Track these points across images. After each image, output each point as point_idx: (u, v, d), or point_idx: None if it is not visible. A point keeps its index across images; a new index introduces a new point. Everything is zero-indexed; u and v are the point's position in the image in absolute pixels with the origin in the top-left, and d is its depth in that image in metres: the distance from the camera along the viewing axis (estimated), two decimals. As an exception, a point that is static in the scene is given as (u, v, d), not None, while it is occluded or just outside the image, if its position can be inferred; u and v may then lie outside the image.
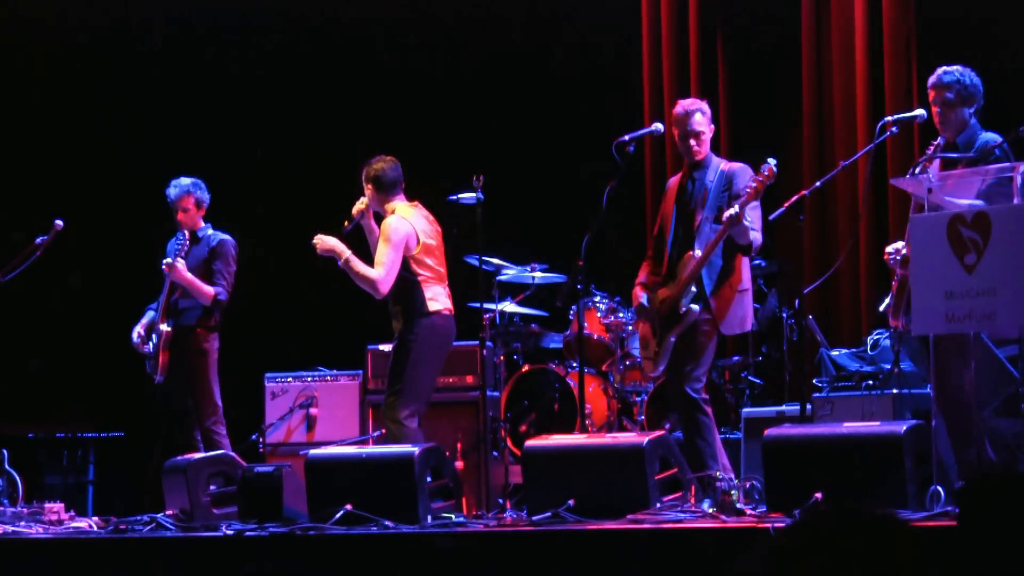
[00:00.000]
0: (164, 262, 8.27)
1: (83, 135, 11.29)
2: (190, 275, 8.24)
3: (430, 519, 6.53)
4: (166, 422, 8.36)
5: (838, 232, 9.39)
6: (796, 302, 8.18)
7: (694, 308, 7.05)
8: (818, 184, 7.31)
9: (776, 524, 5.66)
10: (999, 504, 4.52)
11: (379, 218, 7.75)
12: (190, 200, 8.43)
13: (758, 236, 7.01)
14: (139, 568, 6.62)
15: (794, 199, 6.92)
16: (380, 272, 7.52)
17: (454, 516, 6.72)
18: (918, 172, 6.20)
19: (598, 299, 9.44)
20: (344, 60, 11.12)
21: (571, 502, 6.29)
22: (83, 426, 10.49)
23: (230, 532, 6.60)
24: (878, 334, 8.09)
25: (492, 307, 9.29)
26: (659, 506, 6.26)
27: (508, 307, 9.62)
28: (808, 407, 7.32)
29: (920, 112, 6.67)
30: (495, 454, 8.91)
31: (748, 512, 6.11)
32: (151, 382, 8.33)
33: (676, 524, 5.98)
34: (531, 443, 6.83)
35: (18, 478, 8.30)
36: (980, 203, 5.80)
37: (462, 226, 8.50)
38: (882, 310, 6.83)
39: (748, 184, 6.91)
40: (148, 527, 6.96)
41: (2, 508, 7.91)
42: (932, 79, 6.44)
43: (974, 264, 5.53)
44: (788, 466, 6.03)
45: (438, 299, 7.60)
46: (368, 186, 7.71)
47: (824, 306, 9.25)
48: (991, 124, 6.42)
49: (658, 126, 7.62)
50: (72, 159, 11.25)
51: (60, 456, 10.31)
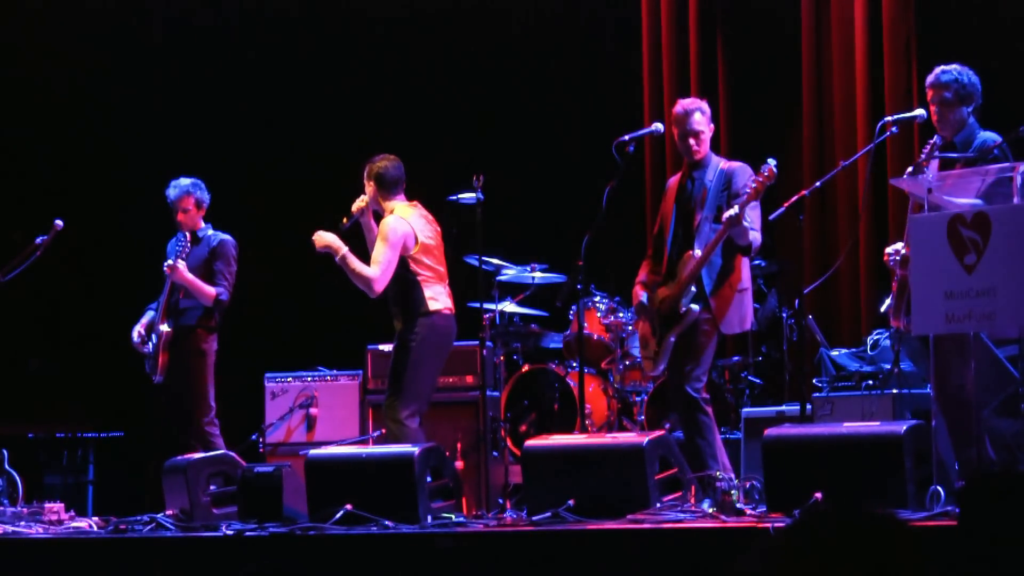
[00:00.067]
0: (165, 264, 8.26)
1: (83, 135, 11.28)
2: (191, 276, 8.23)
3: (430, 519, 6.53)
4: (165, 422, 8.35)
5: (838, 232, 9.38)
6: (796, 302, 8.17)
7: (694, 308, 7.05)
8: (818, 184, 7.31)
9: (776, 524, 5.66)
10: (999, 504, 4.52)
11: (378, 217, 7.75)
12: (190, 200, 8.42)
13: (758, 236, 7.01)
14: (139, 568, 6.62)
15: (794, 199, 6.92)
16: (376, 271, 7.52)
17: (454, 516, 6.72)
18: (915, 172, 6.19)
19: (598, 299, 9.43)
20: (344, 60, 11.12)
21: (571, 502, 6.29)
22: (83, 426, 10.49)
23: (230, 532, 6.60)
24: (878, 334, 8.08)
25: (492, 307, 9.28)
26: (659, 506, 6.26)
27: (508, 307, 9.61)
28: (808, 407, 7.32)
29: (920, 112, 6.67)
30: (495, 454, 8.91)
31: (748, 512, 6.11)
32: (150, 382, 8.33)
33: (676, 524, 5.98)
34: (531, 443, 6.83)
35: (18, 478, 8.29)
36: (980, 203, 5.79)
37: (462, 226, 8.50)
38: (883, 311, 6.83)
39: (748, 184, 6.90)
40: (148, 527, 6.97)
41: (2, 508, 7.91)
42: (930, 78, 6.44)
43: (974, 264, 5.53)
44: (788, 466, 6.03)
45: (438, 298, 7.59)
46: (370, 183, 7.70)
47: (824, 306, 9.24)
48: (991, 124, 6.41)
49: (658, 126, 7.61)
50: (72, 159, 11.24)
51: (60, 456, 10.31)
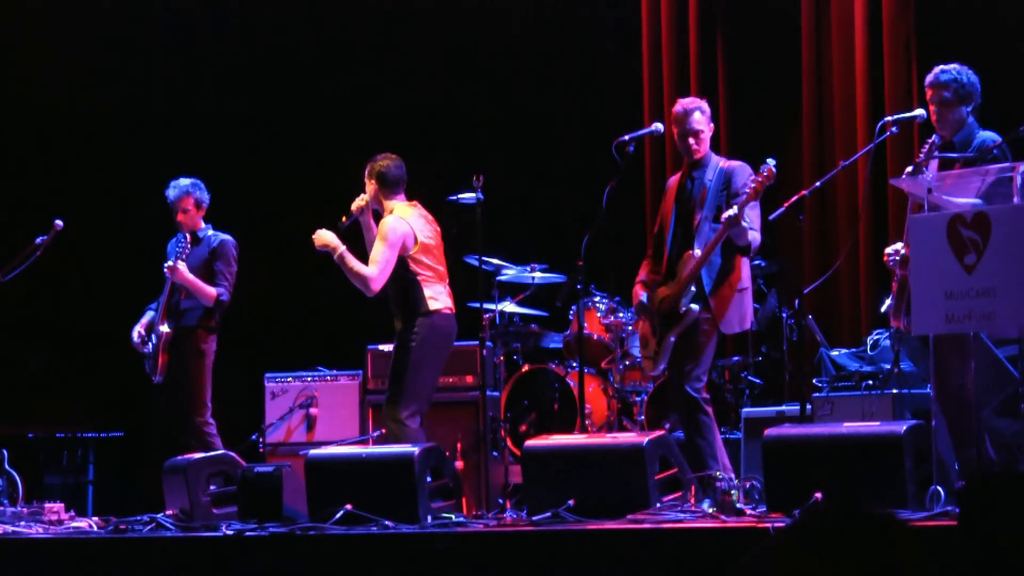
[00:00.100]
0: (166, 264, 8.26)
1: (83, 135, 11.28)
2: (192, 277, 8.23)
3: (430, 519, 6.53)
4: (165, 422, 8.35)
5: (838, 232, 9.38)
6: (796, 302, 8.16)
7: (693, 308, 7.04)
8: (818, 184, 7.31)
9: (776, 524, 5.66)
10: (999, 504, 4.51)
11: (377, 216, 7.74)
12: (189, 201, 8.41)
13: (757, 236, 7.01)
14: (139, 568, 6.62)
15: (794, 199, 6.92)
16: (373, 270, 7.52)
17: (454, 516, 6.72)
18: (915, 172, 6.19)
19: (598, 299, 9.43)
20: (344, 60, 11.12)
21: (571, 502, 6.29)
22: (83, 426, 10.49)
23: (230, 532, 6.60)
24: (878, 334, 8.08)
25: (492, 307, 9.28)
26: (659, 506, 6.25)
27: (508, 307, 9.61)
28: (808, 407, 7.32)
29: (920, 112, 6.67)
30: (495, 454, 8.91)
31: (748, 512, 6.11)
32: (150, 382, 8.32)
33: (676, 524, 5.97)
34: (531, 443, 6.83)
35: (18, 478, 8.29)
36: (980, 203, 5.79)
37: (462, 226, 8.50)
38: (884, 311, 6.83)
39: (747, 184, 6.90)
40: (148, 527, 6.96)
41: (2, 508, 7.90)
42: (929, 77, 6.44)
43: (974, 264, 5.53)
44: (788, 466, 6.03)
45: (439, 298, 7.59)
46: (371, 182, 7.69)
47: (824, 306, 9.24)
48: (992, 124, 6.41)
49: (658, 126, 7.61)
50: (72, 159, 11.24)
51: (60, 456, 10.31)
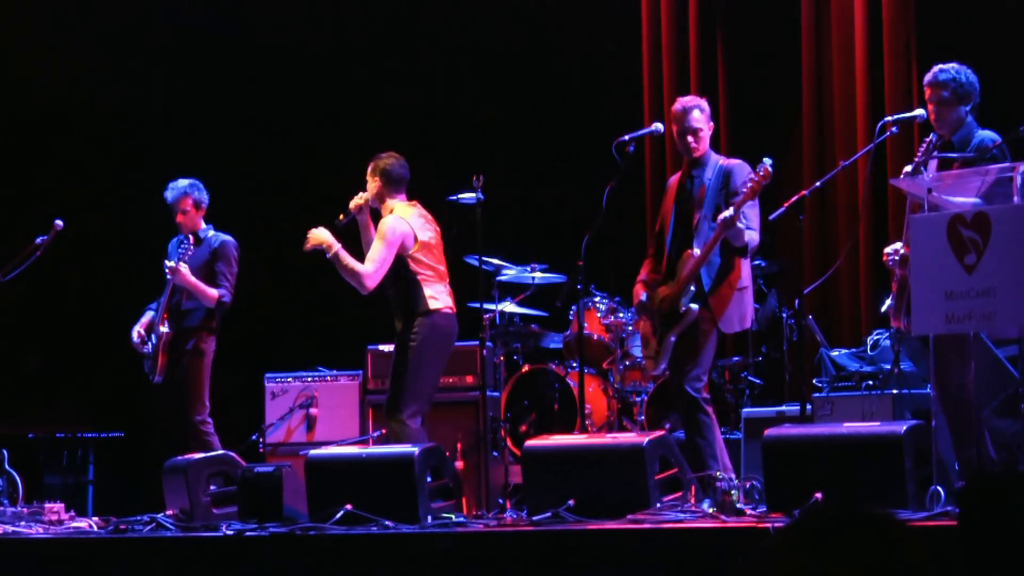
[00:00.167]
0: (167, 265, 8.24)
1: (83, 135, 11.28)
2: (193, 278, 8.22)
3: (430, 519, 6.53)
4: (165, 422, 8.35)
5: (838, 232, 9.38)
6: (796, 302, 8.16)
7: (693, 307, 7.04)
8: (818, 184, 7.31)
9: (776, 524, 5.66)
10: (999, 504, 4.51)
11: (375, 215, 7.74)
12: (188, 201, 8.40)
13: (755, 236, 7.00)
14: (139, 568, 6.62)
15: (794, 199, 6.92)
16: (369, 268, 7.51)
17: (454, 516, 6.72)
18: (914, 171, 6.19)
19: (598, 299, 9.43)
20: (345, 60, 11.12)
21: (571, 502, 6.29)
22: (83, 426, 10.49)
23: (230, 532, 6.60)
24: (878, 334, 8.08)
25: (492, 307, 9.28)
26: (659, 506, 6.25)
27: (508, 307, 9.61)
28: (808, 407, 7.31)
29: (920, 112, 6.67)
30: (495, 454, 8.91)
31: (748, 512, 6.11)
32: (149, 382, 8.32)
33: (676, 524, 5.97)
34: (531, 443, 6.83)
35: (18, 478, 8.29)
36: (980, 203, 5.79)
37: (462, 226, 8.50)
38: (883, 311, 6.83)
39: (745, 184, 6.90)
40: (148, 527, 6.96)
41: (2, 508, 7.91)
42: (928, 77, 6.44)
43: (974, 264, 5.53)
44: (788, 466, 6.03)
45: (439, 297, 7.59)
46: (375, 179, 7.68)
47: (824, 306, 9.24)
48: (992, 124, 6.41)
49: (658, 126, 7.61)
50: (72, 159, 11.24)
51: (60, 456, 10.31)
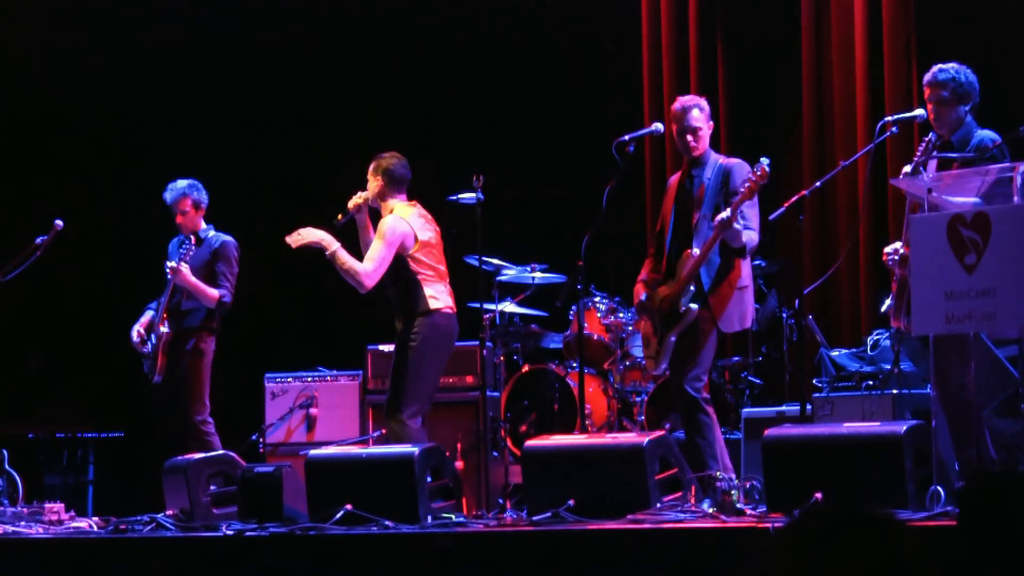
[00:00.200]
0: (168, 266, 8.24)
1: (84, 135, 11.28)
2: (194, 279, 8.21)
3: (430, 519, 6.53)
4: (164, 422, 8.35)
5: (838, 232, 9.38)
6: (796, 302, 8.17)
7: (692, 307, 7.04)
8: (818, 184, 7.31)
9: (776, 524, 5.66)
10: (999, 504, 4.51)
11: (374, 214, 7.73)
12: (187, 202, 8.40)
13: (754, 236, 6.99)
14: (139, 568, 6.62)
15: (794, 199, 6.92)
16: (368, 266, 7.51)
17: (454, 516, 6.72)
18: (911, 171, 6.19)
19: (598, 299, 9.43)
20: (345, 60, 11.12)
21: (571, 502, 6.29)
22: (83, 426, 10.49)
23: (230, 532, 6.60)
24: (878, 334, 8.08)
25: (492, 307, 9.28)
26: (659, 506, 6.25)
27: (508, 307, 9.61)
28: (808, 407, 7.31)
29: (920, 112, 6.67)
30: (495, 454, 8.91)
31: (748, 512, 6.11)
32: (149, 382, 8.32)
33: (676, 524, 5.97)
34: (531, 443, 6.83)
35: (18, 478, 8.29)
36: (980, 203, 5.79)
37: (462, 226, 8.50)
38: (884, 311, 6.83)
39: (743, 184, 6.90)
40: (148, 527, 6.96)
41: (2, 508, 7.91)
42: (927, 76, 6.44)
43: (974, 264, 5.53)
44: (788, 466, 6.03)
45: (439, 297, 7.58)
46: (377, 178, 7.67)
47: (824, 306, 9.24)
48: (992, 124, 6.41)
49: (658, 126, 7.61)
50: (72, 159, 11.24)
51: (60, 456, 10.31)
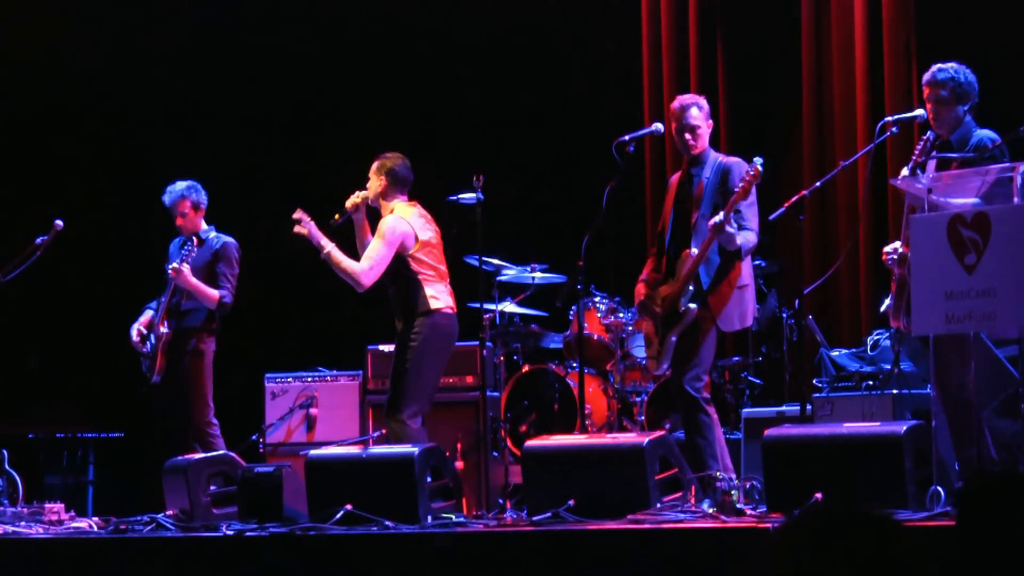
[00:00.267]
0: (170, 267, 8.23)
1: (84, 135, 11.28)
2: (195, 280, 8.21)
3: (430, 519, 6.53)
4: (164, 422, 8.35)
5: (838, 232, 9.38)
6: (796, 302, 8.17)
7: (692, 307, 7.04)
8: (818, 184, 7.31)
9: (776, 524, 5.65)
10: (999, 504, 4.51)
11: (374, 214, 7.73)
12: (186, 204, 8.39)
13: (751, 237, 6.97)
14: (139, 568, 6.62)
15: (794, 199, 6.92)
16: (365, 266, 7.50)
17: (454, 516, 6.72)
18: (910, 171, 6.19)
19: (598, 299, 9.42)
20: (345, 60, 11.12)
21: (571, 502, 6.29)
22: (83, 426, 10.49)
23: (230, 532, 6.60)
24: (878, 334, 8.08)
25: (492, 307, 9.27)
26: (659, 506, 6.26)
27: (508, 307, 9.61)
28: (808, 407, 7.31)
29: (920, 112, 6.67)
30: (495, 454, 8.91)
31: (748, 512, 6.12)
32: (147, 382, 8.32)
33: (676, 524, 5.98)
34: (531, 443, 6.83)
35: (18, 478, 8.29)
36: (979, 203, 5.79)
37: (462, 226, 8.50)
38: (883, 311, 6.82)
39: (736, 185, 6.89)
40: (148, 527, 6.97)
41: (2, 508, 7.91)
42: (927, 76, 6.45)
43: (974, 264, 5.53)
44: (788, 466, 6.03)
45: (440, 297, 7.58)
46: (380, 177, 7.66)
47: (824, 306, 9.24)
48: (992, 124, 6.41)
49: (658, 126, 7.61)
50: (73, 159, 11.24)
51: (60, 456, 10.31)
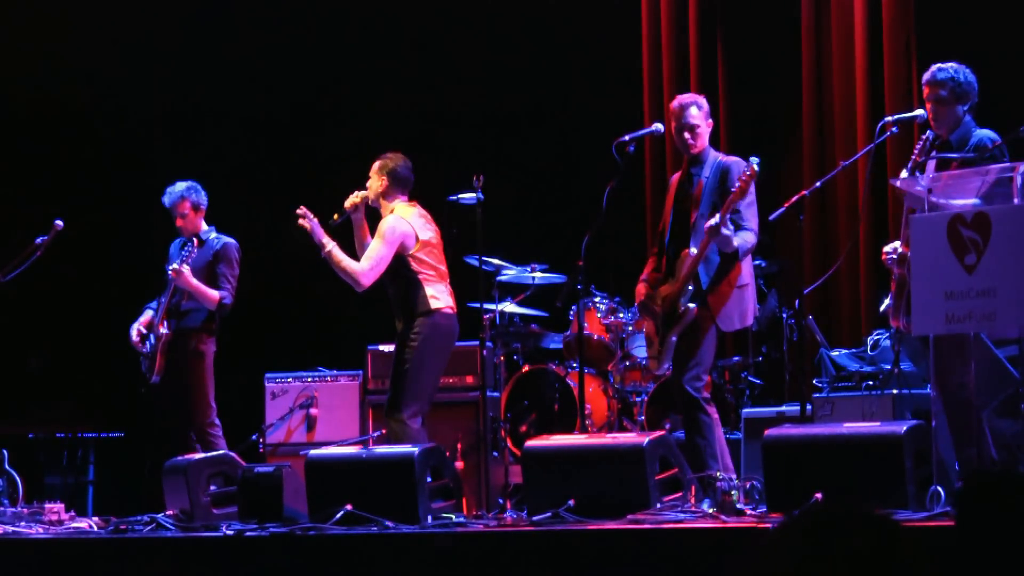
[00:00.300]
0: (170, 267, 8.23)
1: (84, 135, 11.28)
2: (196, 281, 8.21)
3: (430, 519, 6.53)
4: (164, 423, 8.35)
5: (838, 232, 9.38)
6: (796, 302, 8.17)
7: (691, 307, 7.04)
8: (818, 184, 7.31)
9: (775, 524, 5.65)
10: (999, 504, 4.51)
11: (374, 214, 7.73)
12: (186, 205, 8.38)
13: (749, 237, 6.95)
14: (139, 568, 6.62)
15: (794, 199, 6.92)
16: (365, 265, 7.51)
17: (454, 516, 6.72)
18: (909, 171, 6.19)
19: (598, 299, 9.42)
20: (345, 60, 11.12)
21: (571, 502, 6.29)
22: (83, 426, 10.49)
23: (230, 532, 6.60)
24: (878, 334, 8.08)
25: (492, 307, 9.28)
26: (659, 506, 6.25)
27: (508, 307, 9.61)
28: (808, 407, 7.31)
29: (920, 112, 6.67)
30: (495, 454, 8.91)
31: (748, 512, 6.12)
32: (147, 382, 8.31)
33: (676, 524, 5.98)
34: (531, 443, 6.83)
35: (18, 478, 8.28)
36: (979, 203, 5.79)
37: (462, 226, 8.50)
38: (883, 311, 6.82)
39: (734, 185, 6.89)
40: (148, 527, 6.97)
41: (2, 508, 7.90)
42: (926, 76, 6.45)
43: (974, 264, 5.53)
44: (788, 466, 6.03)
45: (440, 297, 7.59)
46: (381, 177, 7.67)
47: (824, 306, 9.24)
48: (992, 124, 6.41)
49: (658, 126, 7.61)
50: (73, 159, 11.24)
51: (60, 456, 10.31)
